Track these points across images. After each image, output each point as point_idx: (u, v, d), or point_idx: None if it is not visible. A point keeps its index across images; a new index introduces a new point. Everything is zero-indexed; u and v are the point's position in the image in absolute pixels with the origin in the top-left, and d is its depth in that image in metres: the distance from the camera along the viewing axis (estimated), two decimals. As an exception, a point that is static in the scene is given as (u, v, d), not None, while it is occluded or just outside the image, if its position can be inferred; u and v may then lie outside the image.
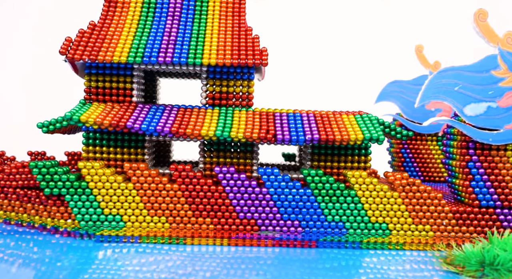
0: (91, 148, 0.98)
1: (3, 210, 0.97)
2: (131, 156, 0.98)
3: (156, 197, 0.92)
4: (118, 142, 0.98)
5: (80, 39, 0.96)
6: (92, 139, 0.98)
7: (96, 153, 0.98)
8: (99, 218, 0.91)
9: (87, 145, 0.98)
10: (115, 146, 0.98)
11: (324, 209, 0.92)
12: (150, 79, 1.24)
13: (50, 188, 0.90)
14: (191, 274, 0.72)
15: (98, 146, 0.98)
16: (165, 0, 1.06)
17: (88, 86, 0.99)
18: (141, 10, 1.04)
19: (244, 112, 0.99)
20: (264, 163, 1.28)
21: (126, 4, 1.04)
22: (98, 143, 0.98)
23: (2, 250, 0.82)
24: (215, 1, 1.06)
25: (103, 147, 0.98)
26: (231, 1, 1.06)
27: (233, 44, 0.98)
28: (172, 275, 0.71)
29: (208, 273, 0.73)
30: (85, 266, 0.75)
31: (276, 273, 0.75)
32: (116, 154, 0.98)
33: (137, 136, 0.98)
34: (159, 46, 0.96)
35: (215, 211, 0.92)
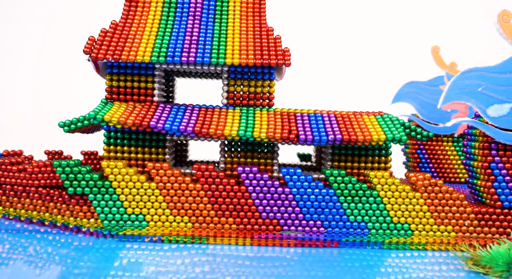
0: (112, 147, 0.98)
1: (25, 209, 0.97)
2: (152, 155, 0.98)
3: (179, 196, 0.92)
4: (139, 141, 0.98)
5: (103, 39, 0.96)
6: (113, 138, 0.98)
7: (117, 153, 0.98)
8: (122, 218, 0.91)
9: (108, 144, 0.98)
10: (136, 146, 0.98)
11: (346, 209, 0.92)
12: (167, 78, 1.24)
13: (74, 187, 0.90)
14: (214, 273, 0.72)
15: (119, 146, 0.98)
16: (185, 0, 1.06)
17: (110, 85, 0.99)
18: (162, 10, 1.04)
19: (265, 112, 0.99)
20: (280, 163, 1.28)
21: (147, 3, 1.05)
22: (119, 142, 0.98)
23: (25, 249, 0.82)
24: (235, 1, 1.06)
25: (124, 147, 0.98)
26: (251, 1, 1.06)
27: (255, 44, 0.98)
28: (194, 275, 0.71)
29: (232, 273, 0.73)
30: (107, 266, 0.75)
31: (298, 273, 0.75)
32: (137, 154, 0.98)
33: (158, 136, 0.98)
34: (181, 45, 0.96)
35: (237, 211, 0.92)
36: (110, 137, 0.98)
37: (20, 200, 0.97)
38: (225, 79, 1.00)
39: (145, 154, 0.98)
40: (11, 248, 0.83)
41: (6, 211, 0.99)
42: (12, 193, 0.97)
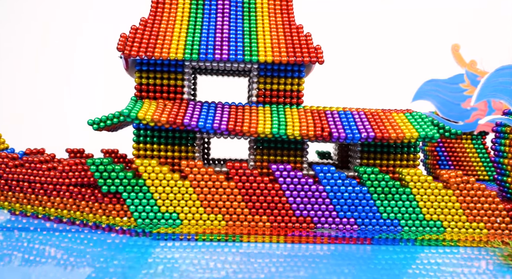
0: (142, 145, 0.97)
1: (54, 207, 0.96)
2: (182, 153, 0.98)
3: (213, 194, 0.91)
4: (169, 139, 0.98)
5: (134, 36, 0.95)
6: (142, 136, 0.97)
7: (146, 151, 0.98)
8: (156, 216, 0.91)
9: (137, 142, 0.97)
10: (165, 144, 0.98)
11: (379, 206, 0.93)
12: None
13: (108, 185, 0.89)
14: (247, 272, 0.72)
15: (148, 144, 0.97)
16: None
17: (139, 83, 0.98)
18: (190, 7, 1.03)
19: (296, 110, 0.99)
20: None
21: (174, 0, 1.04)
22: (149, 140, 0.97)
23: (57, 248, 0.81)
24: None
25: (153, 145, 0.97)
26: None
27: (286, 41, 0.98)
28: (227, 273, 0.71)
29: (266, 270, 0.73)
30: (141, 264, 0.74)
31: (332, 269, 0.75)
32: (167, 152, 0.98)
33: (188, 134, 0.98)
34: (213, 43, 0.96)
35: (271, 208, 0.92)
36: (139, 135, 0.97)
37: (50, 198, 0.96)
38: (254, 77, 0.99)
39: (175, 152, 0.98)
40: (42, 247, 0.82)
41: (35, 210, 0.98)
42: (42, 192, 0.96)
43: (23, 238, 0.87)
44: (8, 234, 0.88)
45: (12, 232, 0.90)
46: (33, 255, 0.78)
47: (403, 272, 0.76)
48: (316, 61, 0.94)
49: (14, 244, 0.83)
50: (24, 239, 0.86)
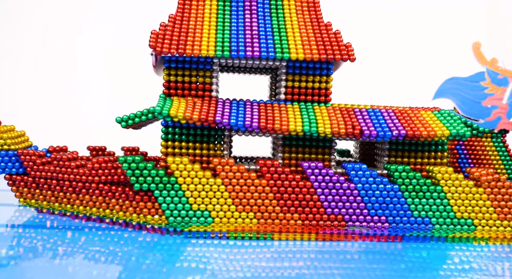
0: (170, 143, 0.97)
1: (83, 205, 0.96)
2: (210, 151, 0.97)
3: (244, 192, 0.91)
4: (197, 137, 0.97)
5: (164, 33, 0.94)
6: (171, 134, 0.97)
7: (174, 149, 0.97)
8: (188, 214, 0.90)
9: (166, 140, 0.97)
10: (194, 141, 0.97)
11: (410, 204, 0.93)
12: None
13: (140, 183, 0.89)
14: (280, 269, 0.72)
15: (177, 141, 0.97)
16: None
17: (167, 80, 0.98)
18: (217, 4, 1.03)
19: (324, 108, 0.99)
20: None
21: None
22: (177, 138, 0.97)
23: (87, 247, 0.81)
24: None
25: (182, 143, 0.97)
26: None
27: (316, 39, 0.97)
28: (261, 270, 0.71)
29: (297, 268, 0.72)
30: (173, 263, 0.73)
31: (363, 267, 0.75)
32: (195, 149, 0.97)
33: (216, 131, 0.97)
34: (243, 40, 0.95)
35: (302, 206, 0.92)
36: (167, 132, 0.97)
37: (79, 196, 0.96)
38: (283, 74, 0.99)
39: (203, 150, 0.97)
40: (71, 245, 0.81)
41: (63, 207, 0.98)
42: (71, 190, 0.95)
43: (51, 236, 0.86)
44: (36, 232, 0.87)
45: (40, 230, 0.89)
46: (62, 253, 0.77)
47: (434, 269, 0.76)
48: (348, 58, 0.94)
49: (42, 242, 0.82)
50: (53, 237, 0.85)
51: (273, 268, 0.72)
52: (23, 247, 0.79)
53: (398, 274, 0.73)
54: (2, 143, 1.00)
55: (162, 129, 0.97)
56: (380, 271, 0.74)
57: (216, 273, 0.69)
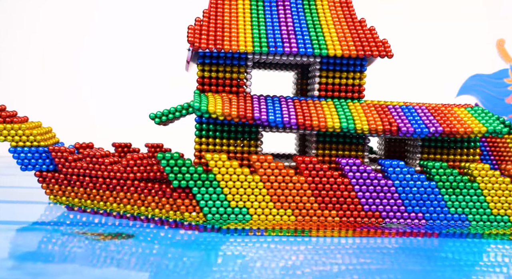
0: (204, 139, 0.96)
1: (116, 202, 0.95)
2: (244, 147, 0.97)
3: (283, 189, 0.90)
4: (231, 133, 0.96)
5: (200, 28, 0.94)
6: (204, 130, 0.96)
7: (208, 145, 0.96)
8: (226, 211, 0.90)
9: (199, 136, 0.96)
10: (228, 138, 0.96)
11: (447, 201, 0.93)
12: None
13: (178, 180, 0.88)
14: (317, 265, 0.71)
15: (211, 138, 0.96)
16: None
17: (201, 76, 0.97)
18: (250, 0, 1.02)
19: (358, 104, 0.98)
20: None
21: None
22: (211, 134, 0.96)
23: (120, 244, 0.79)
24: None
25: (216, 139, 0.96)
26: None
27: (352, 35, 0.97)
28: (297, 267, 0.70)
29: (335, 264, 0.72)
30: (211, 261, 0.72)
31: (400, 263, 0.75)
32: (229, 146, 0.97)
33: (250, 128, 0.97)
34: (280, 36, 0.94)
35: (340, 203, 0.91)
36: (201, 129, 0.96)
37: (112, 193, 0.94)
38: (316, 71, 0.98)
39: (237, 146, 0.97)
40: (104, 243, 0.79)
41: (95, 205, 0.97)
42: (104, 187, 0.94)
43: (83, 233, 0.84)
44: (67, 229, 0.86)
45: (71, 228, 0.87)
46: (95, 251, 0.75)
47: (470, 265, 0.76)
48: (385, 55, 0.93)
49: (74, 240, 0.80)
50: (84, 235, 0.84)
51: (311, 264, 0.72)
52: (55, 244, 0.77)
53: (434, 270, 0.73)
54: (32, 139, 0.99)
55: (196, 125, 0.96)
56: (416, 267, 0.74)
57: (255, 271, 0.68)
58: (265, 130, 0.97)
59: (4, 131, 0.98)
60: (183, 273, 0.67)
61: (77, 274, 0.65)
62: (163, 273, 0.67)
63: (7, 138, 0.98)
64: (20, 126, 0.98)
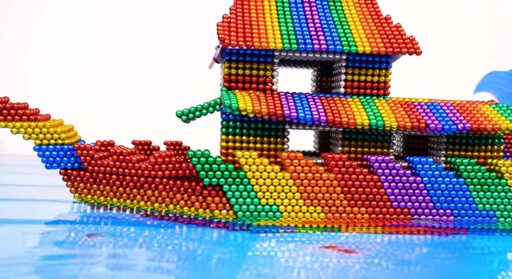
0: (231, 137, 0.96)
1: (144, 200, 0.94)
2: (270, 145, 0.97)
3: (312, 186, 0.90)
4: (258, 131, 0.96)
5: (229, 25, 0.93)
6: (231, 128, 0.96)
7: (235, 143, 0.96)
8: (256, 209, 0.89)
9: (226, 134, 0.96)
10: (255, 135, 0.96)
11: (475, 198, 0.93)
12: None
13: (209, 178, 0.88)
14: (346, 259, 0.72)
15: (238, 135, 0.96)
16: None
17: (228, 73, 0.96)
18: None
19: (384, 101, 0.99)
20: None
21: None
22: (238, 132, 0.96)
23: (148, 243, 0.78)
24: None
25: (242, 136, 0.96)
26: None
27: (379, 32, 0.97)
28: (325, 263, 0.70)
29: (364, 262, 0.72)
30: (241, 258, 0.72)
31: (429, 258, 0.75)
32: (256, 143, 0.96)
33: (277, 125, 0.96)
34: (308, 33, 0.94)
35: (369, 200, 0.92)
36: (228, 126, 0.96)
37: (140, 191, 0.94)
38: (342, 68, 0.98)
39: (263, 144, 0.96)
40: (132, 241, 0.78)
41: (120, 203, 0.96)
42: (132, 185, 0.94)
43: (110, 232, 0.84)
44: (95, 228, 0.85)
45: (99, 226, 0.87)
46: (122, 250, 0.75)
47: (499, 261, 0.76)
48: (414, 52, 0.93)
49: (103, 238, 0.80)
50: (113, 233, 0.83)
51: (340, 259, 0.72)
52: (86, 242, 0.77)
53: (462, 265, 0.74)
54: (56, 137, 0.98)
55: (223, 122, 0.96)
56: (445, 261, 0.74)
57: (285, 267, 0.68)
58: (291, 127, 0.97)
59: (28, 129, 0.97)
60: (214, 269, 0.67)
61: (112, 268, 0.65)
62: (194, 269, 0.66)
63: (31, 136, 0.97)
64: (45, 124, 0.97)
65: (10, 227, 0.85)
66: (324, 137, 1.22)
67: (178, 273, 0.66)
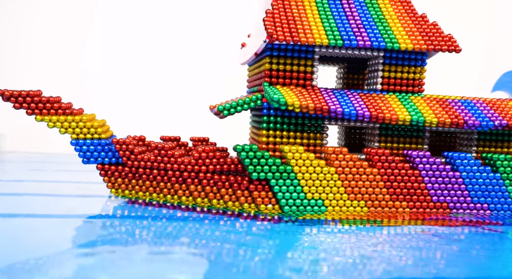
0: (272, 132, 0.97)
1: (185, 195, 0.93)
2: (310, 140, 0.98)
3: (356, 181, 0.92)
4: (298, 126, 0.97)
5: (274, 21, 0.93)
6: (272, 123, 0.96)
7: (276, 138, 0.97)
8: (302, 203, 0.90)
9: (267, 129, 0.96)
10: (295, 130, 0.97)
11: (511, 192, 0.96)
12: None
13: (257, 172, 0.88)
14: (386, 252, 0.73)
15: (278, 130, 0.97)
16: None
17: (269, 68, 0.97)
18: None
19: (420, 98, 1.00)
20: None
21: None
22: (279, 127, 0.96)
23: (192, 238, 0.77)
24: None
25: (283, 132, 0.97)
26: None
27: (418, 30, 0.99)
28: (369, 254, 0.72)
29: (404, 253, 0.74)
30: (287, 250, 0.73)
31: (466, 251, 0.78)
32: (296, 139, 0.97)
33: (317, 120, 0.97)
34: (351, 29, 0.95)
35: (410, 194, 0.93)
36: (269, 121, 0.96)
37: (182, 186, 0.93)
38: (379, 65, 1.00)
39: (303, 139, 0.97)
40: (177, 236, 0.78)
41: (160, 197, 0.95)
42: (174, 180, 0.93)
43: (151, 226, 0.83)
44: (135, 223, 0.84)
45: (141, 221, 0.86)
46: (167, 245, 0.74)
47: None
48: (453, 50, 0.96)
49: (147, 233, 0.79)
50: (156, 228, 0.82)
51: (381, 252, 0.73)
52: (130, 237, 0.76)
53: (496, 258, 0.76)
54: (93, 131, 0.96)
55: (264, 118, 0.96)
56: (481, 253, 0.76)
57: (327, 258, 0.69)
58: (330, 123, 0.98)
59: (65, 123, 0.95)
60: (260, 261, 0.67)
61: (159, 262, 0.64)
62: (240, 261, 0.66)
63: (67, 130, 0.96)
64: (81, 118, 0.96)
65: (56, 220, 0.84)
66: (351, 133, 1.24)
67: (225, 262, 0.66)
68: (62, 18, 2.01)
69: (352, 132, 1.24)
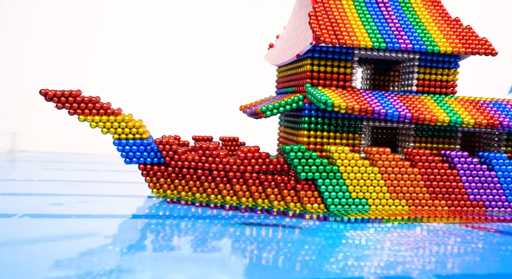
0: (312, 132, 0.98)
1: (230, 195, 0.95)
2: (349, 141, 1.00)
3: (398, 180, 0.94)
4: (338, 127, 0.99)
5: (318, 23, 0.95)
6: (313, 123, 0.98)
7: (316, 138, 0.99)
8: (347, 202, 0.92)
9: (308, 130, 0.98)
10: (335, 131, 0.99)
11: (542, 191, 1.00)
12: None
13: (306, 172, 0.90)
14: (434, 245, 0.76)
15: (319, 131, 0.98)
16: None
17: (311, 70, 0.98)
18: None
19: (454, 99, 1.03)
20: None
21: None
22: (319, 127, 0.98)
23: (237, 236, 0.79)
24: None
25: (323, 132, 0.99)
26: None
27: (454, 33, 1.01)
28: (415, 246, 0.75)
29: (443, 248, 0.77)
30: (333, 248, 0.74)
31: (500, 245, 0.81)
32: (335, 139, 0.99)
33: (356, 121, 0.99)
34: (392, 32, 0.97)
35: (449, 193, 0.96)
36: (310, 122, 0.98)
37: (226, 186, 0.94)
38: (415, 67, 1.02)
39: (342, 139, 0.99)
40: (221, 234, 0.79)
41: (203, 197, 0.96)
42: (219, 179, 0.94)
43: (195, 226, 0.84)
44: (178, 223, 0.85)
45: (183, 221, 0.86)
46: (211, 244, 0.75)
47: None
48: (490, 53, 0.99)
49: (192, 232, 0.80)
50: (203, 228, 0.83)
51: (421, 248, 0.76)
52: (180, 237, 0.77)
53: None
54: (134, 131, 0.97)
55: (305, 118, 0.98)
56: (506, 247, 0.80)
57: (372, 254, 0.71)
58: (368, 123, 1.00)
59: (107, 123, 0.95)
60: (306, 258, 0.68)
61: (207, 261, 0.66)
62: (286, 257, 0.68)
63: (109, 130, 0.96)
64: (124, 118, 0.96)
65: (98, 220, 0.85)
66: (378, 133, 1.26)
67: (271, 258, 0.67)
68: (100, 17, 1.99)
69: (376, 132, 1.26)
